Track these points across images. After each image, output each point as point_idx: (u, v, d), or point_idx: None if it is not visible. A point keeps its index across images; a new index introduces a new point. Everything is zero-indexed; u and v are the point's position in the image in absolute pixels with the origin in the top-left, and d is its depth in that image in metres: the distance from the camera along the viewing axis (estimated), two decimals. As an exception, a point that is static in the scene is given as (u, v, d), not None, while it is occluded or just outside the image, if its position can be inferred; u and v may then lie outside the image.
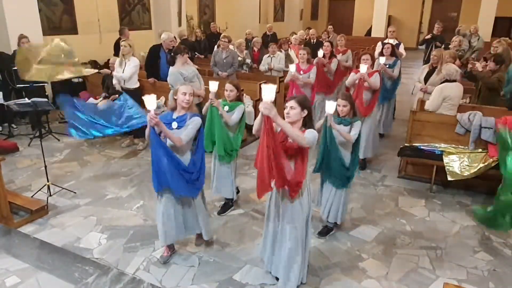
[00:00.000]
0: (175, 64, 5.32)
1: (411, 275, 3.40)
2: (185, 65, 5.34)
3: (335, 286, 3.28)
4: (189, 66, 5.43)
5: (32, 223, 4.14)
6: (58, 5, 8.92)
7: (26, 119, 7.38)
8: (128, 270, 3.43)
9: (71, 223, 4.16)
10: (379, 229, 4.07)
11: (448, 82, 4.95)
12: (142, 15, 11.12)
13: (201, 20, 13.93)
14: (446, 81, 4.99)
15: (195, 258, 3.59)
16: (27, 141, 6.45)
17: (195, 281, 3.30)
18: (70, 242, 3.83)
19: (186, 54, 5.30)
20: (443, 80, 5.07)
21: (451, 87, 4.93)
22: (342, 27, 18.18)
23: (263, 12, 16.61)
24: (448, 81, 4.96)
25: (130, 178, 5.20)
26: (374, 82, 5.11)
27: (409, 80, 10.04)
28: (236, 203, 4.53)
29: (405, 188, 4.96)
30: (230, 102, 4.04)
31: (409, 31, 18.83)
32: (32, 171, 5.38)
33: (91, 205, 4.53)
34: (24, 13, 7.38)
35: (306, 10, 20.08)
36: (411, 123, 5.11)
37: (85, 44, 8.97)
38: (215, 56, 7.24)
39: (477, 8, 14.60)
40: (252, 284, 3.27)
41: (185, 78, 5.22)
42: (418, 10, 19.51)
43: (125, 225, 4.12)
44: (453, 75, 4.94)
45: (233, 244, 3.82)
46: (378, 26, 15.82)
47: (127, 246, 3.77)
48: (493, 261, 3.59)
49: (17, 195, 4.53)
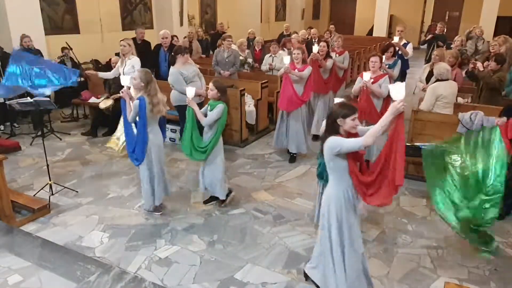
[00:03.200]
0: (175, 64, 5.32)
1: (412, 275, 3.40)
2: (186, 65, 5.33)
3: (336, 285, 3.28)
4: (190, 66, 5.42)
5: (34, 221, 4.16)
6: (60, 4, 8.93)
7: (28, 118, 7.40)
8: (130, 268, 3.44)
9: (73, 222, 4.17)
10: (380, 229, 4.07)
11: (440, 81, 4.98)
12: (144, 15, 11.13)
13: (203, 19, 13.94)
14: (438, 80, 5.02)
15: (196, 257, 3.60)
16: (29, 140, 6.47)
17: (196, 280, 3.31)
18: (72, 240, 3.84)
19: (186, 54, 5.32)
20: (435, 79, 5.10)
21: (444, 86, 4.97)
22: (343, 26, 18.17)
23: (265, 11, 16.59)
24: (440, 81, 4.99)
25: (131, 177, 5.21)
26: (379, 92, 4.94)
27: (411, 80, 10.01)
28: (235, 201, 4.54)
29: (406, 188, 4.96)
30: (212, 101, 4.15)
31: (410, 31, 18.79)
32: (34, 170, 5.40)
33: (93, 204, 4.55)
34: (26, 12, 7.40)
35: (307, 10, 20.06)
36: (413, 123, 5.10)
37: (87, 44, 8.99)
38: (217, 55, 7.25)
39: (479, 7, 14.56)
40: (253, 283, 3.28)
41: (185, 78, 5.23)
42: (420, 10, 19.47)
43: (127, 224, 4.14)
44: (444, 74, 4.99)
45: (235, 243, 3.83)
46: (379, 26, 15.77)
47: (128, 245, 3.79)
48: (494, 261, 3.58)
49: (19, 194, 4.55)
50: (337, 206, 2.76)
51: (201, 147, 4.17)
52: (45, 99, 4.91)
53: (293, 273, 3.40)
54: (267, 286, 3.26)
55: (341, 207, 2.76)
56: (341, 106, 2.74)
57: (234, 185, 4.94)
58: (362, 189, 2.76)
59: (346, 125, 2.67)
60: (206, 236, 3.93)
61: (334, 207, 2.76)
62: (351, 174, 2.72)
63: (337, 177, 2.76)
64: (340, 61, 6.83)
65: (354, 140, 2.58)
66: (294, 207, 4.49)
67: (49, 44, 8.05)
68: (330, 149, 2.64)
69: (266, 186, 4.97)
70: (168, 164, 5.62)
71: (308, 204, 4.55)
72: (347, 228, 2.79)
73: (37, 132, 6.53)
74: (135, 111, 3.91)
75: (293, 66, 5.46)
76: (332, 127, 2.71)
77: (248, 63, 7.80)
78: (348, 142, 2.58)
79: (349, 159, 2.68)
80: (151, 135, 4.03)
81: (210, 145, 4.14)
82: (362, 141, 2.52)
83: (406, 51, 7.18)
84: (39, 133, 5.43)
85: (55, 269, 3.22)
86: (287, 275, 3.38)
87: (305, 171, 5.45)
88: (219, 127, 4.15)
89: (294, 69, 5.43)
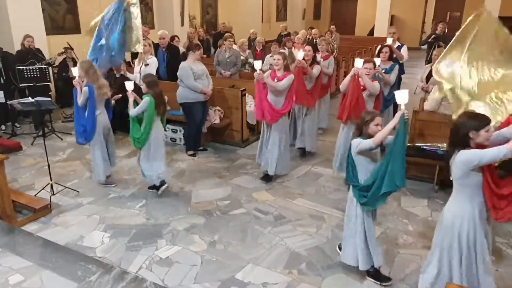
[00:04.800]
0: (187, 59, 5.58)
1: (414, 275, 3.39)
2: (196, 62, 5.58)
3: (337, 285, 3.28)
4: (200, 64, 5.66)
5: (35, 221, 4.16)
6: (61, 4, 8.95)
7: (29, 118, 7.41)
8: (131, 268, 3.44)
9: (74, 222, 4.17)
10: (381, 229, 4.07)
11: None
12: (145, 15, 11.12)
13: (204, 19, 13.95)
14: None
15: (197, 257, 3.60)
16: (30, 140, 6.47)
17: (197, 280, 3.31)
18: (73, 240, 3.85)
19: (198, 51, 5.57)
20: None
21: None
22: (344, 26, 18.17)
23: (266, 11, 16.60)
24: None
25: (132, 177, 5.21)
26: (372, 85, 4.49)
27: (412, 80, 10.01)
28: (235, 201, 4.54)
29: (407, 188, 4.94)
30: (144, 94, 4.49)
31: (412, 31, 18.78)
32: (36, 170, 5.41)
33: (94, 204, 4.55)
34: (28, 13, 7.41)
35: (308, 10, 20.06)
36: (414, 123, 5.10)
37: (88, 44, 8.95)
38: (218, 55, 7.27)
39: (481, 7, 14.52)
40: (254, 283, 3.28)
41: (194, 74, 5.47)
42: (421, 10, 19.46)
43: (128, 224, 4.14)
44: None
45: (236, 243, 3.83)
46: (380, 26, 15.76)
47: (129, 245, 3.79)
48: (495, 261, 3.58)
49: (20, 194, 4.56)
50: (469, 225, 2.60)
51: (137, 138, 4.52)
52: (46, 99, 4.94)
53: (294, 273, 3.40)
54: (268, 286, 3.25)
55: (474, 226, 2.60)
56: (471, 117, 2.55)
57: (235, 185, 4.94)
58: (493, 203, 2.56)
59: (480, 137, 2.48)
60: (207, 236, 3.93)
61: (467, 226, 2.61)
62: (485, 188, 2.51)
63: (469, 194, 2.59)
64: (325, 66, 6.24)
65: (495, 149, 2.38)
66: (295, 207, 4.49)
67: (50, 44, 8.05)
68: (468, 163, 2.46)
69: (267, 186, 4.97)
70: (168, 164, 5.63)
71: (309, 204, 4.55)
72: (480, 245, 2.64)
73: (38, 132, 6.54)
74: (84, 97, 4.51)
75: (274, 74, 4.84)
76: (461, 141, 2.53)
77: (249, 63, 7.81)
78: (489, 152, 2.39)
79: (485, 171, 2.48)
80: (100, 117, 4.64)
81: (142, 137, 4.48)
82: (506, 148, 2.34)
83: (400, 54, 6.57)
84: (40, 133, 5.45)
85: (56, 269, 3.22)
86: (288, 275, 3.38)
87: (306, 171, 5.45)
88: (147, 119, 4.41)
89: (274, 77, 4.78)
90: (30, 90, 6.48)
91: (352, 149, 3.08)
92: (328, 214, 4.34)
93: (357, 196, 3.11)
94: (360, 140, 3.04)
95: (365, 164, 3.09)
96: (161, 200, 4.64)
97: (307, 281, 3.30)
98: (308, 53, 5.51)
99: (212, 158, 5.87)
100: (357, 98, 4.48)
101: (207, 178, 5.18)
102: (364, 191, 3.05)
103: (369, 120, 3.04)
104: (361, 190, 3.07)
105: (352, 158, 3.13)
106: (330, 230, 4.04)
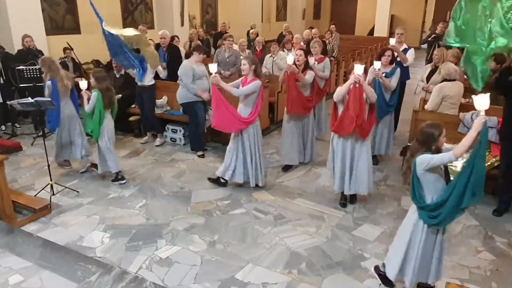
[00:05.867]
0: (189, 59, 5.62)
1: (414, 275, 3.39)
2: (198, 63, 5.60)
3: (337, 285, 3.28)
4: (201, 65, 5.68)
5: (35, 222, 4.16)
6: (61, 4, 8.95)
7: (29, 118, 7.41)
8: (131, 269, 3.44)
9: (74, 222, 4.17)
10: (381, 229, 4.07)
11: (447, 81, 4.97)
12: (145, 15, 11.14)
13: (204, 19, 13.95)
14: (445, 80, 5.01)
15: (197, 257, 3.60)
16: (30, 140, 6.48)
17: (197, 280, 3.31)
18: (73, 241, 3.84)
19: (202, 54, 5.64)
20: (443, 79, 5.09)
21: (450, 86, 4.97)
22: (344, 26, 18.17)
23: (266, 11, 16.61)
24: (447, 80, 4.98)
25: (132, 177, 5.21)
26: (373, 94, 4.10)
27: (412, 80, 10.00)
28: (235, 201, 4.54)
29: (408, 188, 4.93)
30: None
31: (412, 31, 18.76)
32: (35, 170, 5.41)
33: (93, 204, 4.55)
34: (27, 13, 7.41)
35: (308, 10, 20.06)
36: (414, 123, 5.10)
37: (88, 44, 8.97)
38: (218, 55, 7.27)
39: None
40: (254, 283, 3.28)
41: (195, 74, 5.51)
42: (421, 9, 19.47)
43: (128, 224, 4.14)
44: (452, 75, 4.98)
45: (235, 243, 3.82)
46: (380, 26, 15.78)
47: (129, 245, 3.79)
48: (496, 261, 3.58)
49: (20, 194, 4.56)
50: None
51: (90, 131, 4.88)
52: (46, 99, 4.93)
53: (294, 273, 3.40)
54: (268, 286, 3.25)
55: None
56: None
57: (235, 185, 4.94)
58: None
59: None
60: (207, 236, 3.93)
61: None
62: None
63: None
64: (320, 70, 5.79)
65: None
66: (295, 207, 4.48)
67: (50, 44, 8.05)
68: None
69: (267, 186, 4.96)
70: (168, 164, 5.63)
71: (309, 204, 4.55)
72: None
73: (38, 132, 6.54)
74: (49, 91, 4.84)
75: (245, 79, 4.60)
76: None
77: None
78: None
79: None
80: (66, 108, 5.01)
81: (95, 130, 4.79)
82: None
83: (405, 57, 5.86)
84: (40, 133, 5.45)
85: (56, 269, 3.23)
86: (288, 275, 3.37)
87: (306, 171, 5.45)
88: (96, 112, 4.71)
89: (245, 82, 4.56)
90: (30, 90, 6.47)
91: (420, 167, 2.79)
92: (328, 214, 4.34)
93: (425, 218, 2.85)
94: (431, 156, 2.75)
95: (433, 181, 2.83)
96: (161, 200, 4.64)
97: (307, 281, 3.30)
98: (299, 58, 4.97)
99: (212, 158, 5.87)
100: (360, 108, 3.98)
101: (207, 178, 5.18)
102: (432, 211, 2.81)
103: (439, 134, 2.82)
104: (430, 210, 2.82)
105: (417, 178, 2.85)
106: (330, 230, 4.04)
